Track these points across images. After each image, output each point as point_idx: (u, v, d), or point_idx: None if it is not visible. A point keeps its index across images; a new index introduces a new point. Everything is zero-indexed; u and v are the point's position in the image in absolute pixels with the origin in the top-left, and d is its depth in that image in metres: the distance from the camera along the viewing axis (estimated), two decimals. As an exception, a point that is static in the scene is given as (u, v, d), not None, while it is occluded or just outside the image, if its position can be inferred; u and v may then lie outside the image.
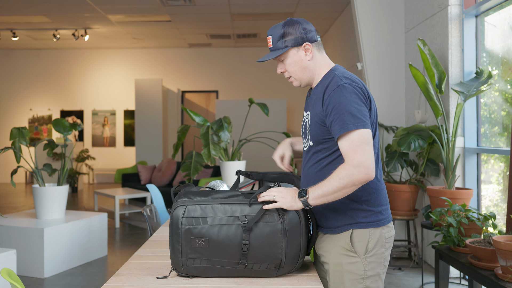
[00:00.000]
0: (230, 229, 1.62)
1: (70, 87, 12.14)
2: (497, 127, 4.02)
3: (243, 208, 1.64)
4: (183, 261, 1.64)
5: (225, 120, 4.20)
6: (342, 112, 1.61)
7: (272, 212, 1.63)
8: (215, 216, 1.63)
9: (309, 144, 1.78)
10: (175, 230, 1.63)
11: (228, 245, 1.62)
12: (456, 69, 4.18)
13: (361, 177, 1.57)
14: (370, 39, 5.24)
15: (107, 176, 12.00)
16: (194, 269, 1.65)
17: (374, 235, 1.71)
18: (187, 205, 1.65)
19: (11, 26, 9.56)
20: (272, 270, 1.67)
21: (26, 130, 4.55)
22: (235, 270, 1.66)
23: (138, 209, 7.19)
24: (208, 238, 1.62)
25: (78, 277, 4.33)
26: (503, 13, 3.85)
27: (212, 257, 1.63)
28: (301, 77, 1.78)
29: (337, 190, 1.58)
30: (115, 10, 8.38)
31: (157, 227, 3.04)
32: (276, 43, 1.74)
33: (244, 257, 1.63)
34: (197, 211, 1.64)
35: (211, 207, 1.65)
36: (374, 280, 1.72)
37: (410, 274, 4.26)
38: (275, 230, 1.63)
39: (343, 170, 1.58)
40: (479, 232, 2.91)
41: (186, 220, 1.63)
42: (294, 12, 8.47)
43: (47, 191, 4.61)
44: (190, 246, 1.62)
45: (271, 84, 11.68)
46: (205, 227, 1.62)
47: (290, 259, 1.66)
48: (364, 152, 1.58)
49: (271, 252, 1.63)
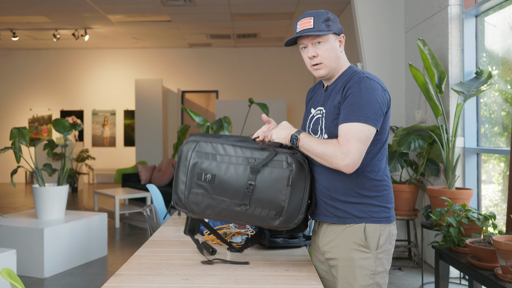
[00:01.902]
0: (238, 168, 1.64)
1: (70, 87, 12.14)
2: (497, 127, 4.02)
3: (254, 152, 1.67)
4: (185, 194, 1.65)
5: (225, 120, 4.20)
6: (354, 102, 1.64)
7: (281, 159, 1.66)
8: (224, 155, 1.66)
9: (322, 137, 1.78)
10: (183, 162, 1.65)
11: (233, 184, 1.63)
12: (456, 69, 4.18)
13: (341, 164, 1.61)
14: (370, 39, 5.24)
15: (107, 176, 12.00)
16: (194, 205, 1.66)
17: (385, 231, 1.73)
18: (199, 141, 1.67)
19: (11, 26, 9.56)
20: (272, 218, 1.67)
21: (26, 130, 4.55)
22: (235, 212, 1.66)
23: (138, 209, 7.19)
24: (215, 174, 1.63)
25: (78, 277, 4.33)
26: (503, 13, 3.85)
27: (215, 195, 1.64)
28: (332, 66, 1.77)
29: (317, 156, 1.65)
30: (115, 10, 8.38)
31: (157, 227, 3.04)
32: (320, 24, 1.73)
33: (247, 198, 1.64)
34: (208, 148, 1.66)
35: (222, 147, 1.67)
36: (383, 276, 1.74)
37: (410, 274, 4.26)
38: (282, 176, 1.65)
39: (332, 147, 1.63)
40: (479, 232, 2.91)
41: (195, 154, 1.65)
42: (294, 12, 8.47)
43: (47, 191, 4.61)
44: (196, 180, 1.63)
45: (271, 84, 11.68)
46: (213, 163, 1.64)
47: (291, 209, 1.67)
48: (356, 146, 1.61)
49: (274, 197, 1.65)
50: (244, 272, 1.76)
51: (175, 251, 2.06)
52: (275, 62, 11.63)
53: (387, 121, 1.74)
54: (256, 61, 11.76)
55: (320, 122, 1.78)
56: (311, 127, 1.84)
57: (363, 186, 1.71)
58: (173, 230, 2.53)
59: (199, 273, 1.74)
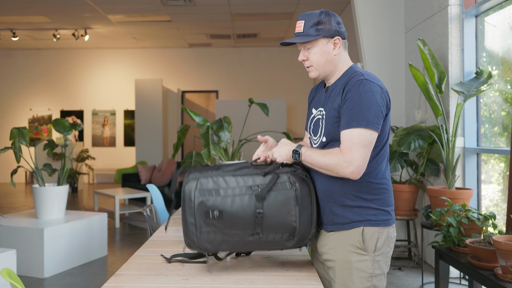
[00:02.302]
0: (244, 199, 1.62)
1: (70, 87, 12.14)
2: (497, 127, 4.02)
3: (255, 178, 1.65)
4: (197, 235, 1.62)
5: (225, 120, 4.20)
6: (354, 107, 1.63)
7: (284, 180, 1.65)
8: (227, 187, 1.63)
9: (321, 140, 1.78)
10: (188, 203, 1.62)
11: (242, 215, 1.61)
12: (456, 69, 4.18)
13: (347, 172, 1.62)
14: (370, 39, 5.24)
15: (107, 176, 12.00)
16: (208, 243, 1.64)
17: (383, 234, 1.72)
18: (199, 178, 1.64)
19: (11, 26, 9.55)
20: (287, 240, 1.66)
21: (26, 130, 4.55)
22: (250, 242, 1.65)
23: (138, 209, 7.19)
24: (222, 210, 1.61)
25: (78, 277, 4.33)
26: (503, 13, 3.85)
27: (226, 229, 1.62)
28: (322, 69, 1.76)
29: (321, 168, 1.67)
30: (115, 10, 8.38)
31: (157, 227, 3.04)
32: (308, 29, 1.72)
33: (259, 227, 1.62)
34: (210, 184, 1.64)
35: (223, 179, 1.65)
36: (380, 279, 1.73)
37: (410, 274, 4.26)
38: (288, 197, 1.64)
39: (335, 157, 1.63)
40: (479, 232, 2.91)
41: (199, 193, 1.62)
42: (294, 12, 8.47)
43: (47, 191, 4.61)
44: (204, 219, 1.61)
45: (271, 84, 11.68)
46: (218, 198, 1.62)
47: (303, 227, 1.66)
48: (358, 152, 1.61)
49: (285, 219, 1.63)
50: (244, 272, 1.76)
51: (175, 251, 2.06)
52: (275, 62, 11.63)
53: (387, 124, 1.73)
54: (256, 61, 11.76)
55: (320, 124, 1.78)
56: (312, 128, 1.84)
57: (360, 189, 1.70)
58: (173, 230, 2.53)
59: (199, 273, 1.74)
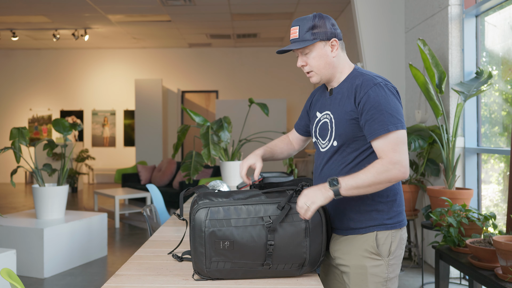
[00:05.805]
0: (255, 230, 1.58)
1: (70, 87, 12.14)
2: (497, 127, 4.02)
3: (267, 208, 1.60)
4: (206, 265, 1.59)
5: (225, 120, 4.20)
6: (381, 112, 1.61)
7: (295, 211, 1.60)
8: (238, 218, 1.59)
9: (331, 144, 1.74)
10: (198, 233, 1.57)
11: (253, 247, 1.58)
12: (456, 69, 4.18)
13: (398, 175, 1.58)
14: (370, 39, 5.24)
15: (107, 176, 12.00)
16: (217, 272, 1.61)
17: (396, 237, 1.71)
18: (210, 207, 1.59)
19: (11, 26, 9.55)
20: (296, 269, 1.64)
21: (26, 130, 4.55)
22: (259, 271, 1.62)
23: (138, 209, 7.19)
24: (233, 240, 1.57)
25: (78, 277, 4.33)
26: (503, 13, 3.85)
27: (236, 259, 1.59)
28: (323, 73, 1.74)
29: (371, 184, 1.57)
30: (115, 10, 8.38)
31: (157, 227, 3.04)
32: (304, 34, 1.69)
33: (270, 258, 1.59)
34: (220, 213, 1.58)
35: (234, 208, 1.60)
36: (394, 282, 1.73)
37: (410, 274, 4.26)
38: (299, 229, 1.60)
39: (381, 166, 1.58)
40: (479, 232, 2.91)
41: (209, 223, 1.57)
42: (294, 12, 8.46)
43: (47, 191, 4.61)
44: (214, 248, 1.57)
45: (271, 84, 11.68)
46: (229, 228, 1.57)
47: (313, 256, 1.63)
48: (401, 151, 1.60)
49: (295, 251, 1.61)
50: (244, 272, 1.76)
51: (176, 251, 2.06)
52: (275, 62, 11.62)
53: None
54: (256, 61, 11.76)
55: (330, 127, 1.75)
56: (318, 131, 1.81)
57: (377, 191, 1.67)
58: (173, 230, 2.53)
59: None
